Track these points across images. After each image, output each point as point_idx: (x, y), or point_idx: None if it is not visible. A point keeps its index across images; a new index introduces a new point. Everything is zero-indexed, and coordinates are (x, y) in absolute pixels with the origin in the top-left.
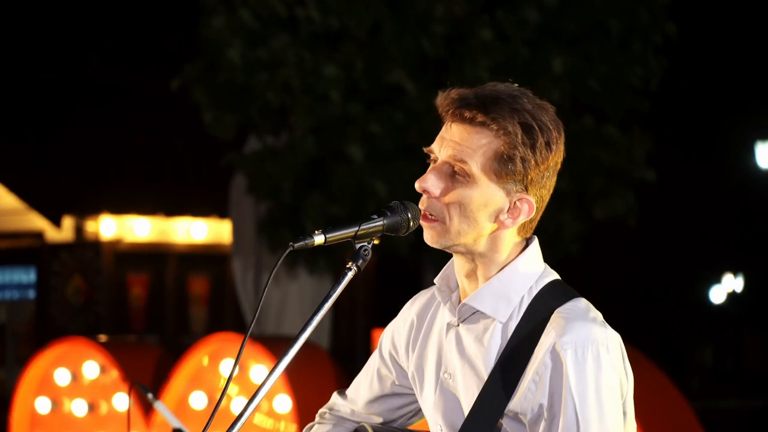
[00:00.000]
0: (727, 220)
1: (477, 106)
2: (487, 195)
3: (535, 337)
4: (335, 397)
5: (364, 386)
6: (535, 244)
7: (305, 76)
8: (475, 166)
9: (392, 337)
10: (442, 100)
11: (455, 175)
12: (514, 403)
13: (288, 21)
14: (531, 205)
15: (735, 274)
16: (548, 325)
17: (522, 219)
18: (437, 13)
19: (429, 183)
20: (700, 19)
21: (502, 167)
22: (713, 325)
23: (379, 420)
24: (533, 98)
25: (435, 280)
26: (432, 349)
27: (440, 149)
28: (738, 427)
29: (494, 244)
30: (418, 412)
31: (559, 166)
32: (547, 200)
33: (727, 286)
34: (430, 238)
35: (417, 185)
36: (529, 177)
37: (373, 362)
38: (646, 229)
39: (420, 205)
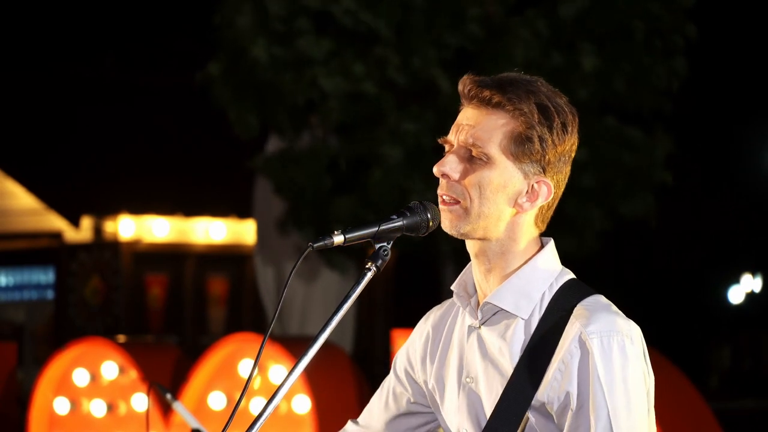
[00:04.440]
0: (746, 220)
1: (493, 86)
2: (506, 176)
3: (559, 330)
4: (349, 425)
5: (379, 408)
6: (552, 244)
7: (334, 72)
8: (493, 147)
9: (407, 354)
10: (461, 85)
11: (473, 158)
12: (540, 393)
13: (318, 16)
14: (549, 188)
15: (753, 274)
16: (572, 317)
17: (540, 202)
18: (472, 13)
19: (448, 167)
20: (720, 21)
21: (520, 147)
22: (731, 326)
23: None
24: (547, 84)
25: (452, 287)
26: (453, 358)
27: (456, 134)
28: (756, 428)
29: (512, 231)
30: (433, 430)
31: (573, 153)
32: (562, 188)
33: (745, 287)
34: (449, 222)
35: (435, 170)
36: (547, 158)
37: (387, 383)
38: (664, 229)
39: (439, 191)
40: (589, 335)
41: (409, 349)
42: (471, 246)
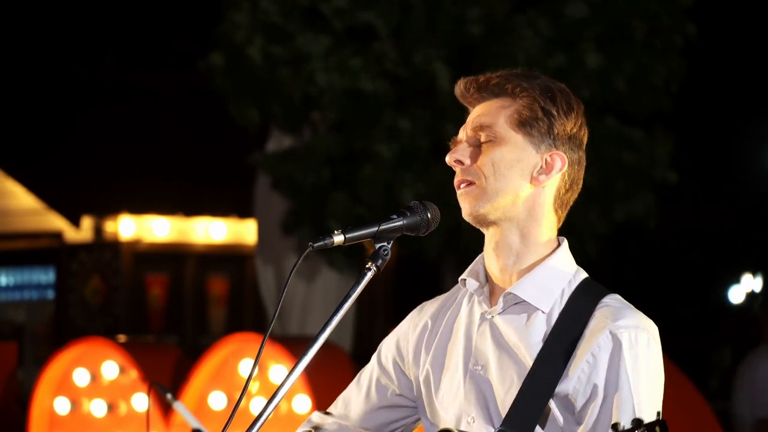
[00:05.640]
0: (746, 220)
1: (489, 74)
2: (518, 151)
3: (582, 324)
4: (319, 417)
5: (358, 399)
6: (566, 243)
7: (332, 69)
8: (500, 126)
9: (396, 345)
10: (457, 88)
11: (483, 142)
12: (565, 385)
13: (312, 14)
14: (563, 159)
15: (754, 274)
16: (596, 311)
17: (556, 172)
18: (472, 14)
19: (459, 153)
20: (720, 20)
21: (526, 122)
22: (732, 326)
23: None
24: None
25: (463, 276)
26: (456, 346)
27: (464, 129)
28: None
29: (533, 210)
30: (409, 427)
31: (584, 141)
32: (579, 174)
33: (745, 287)
34: (468, 205)
35: (448, 158)
36: (555, 131)
37: (368, 374)
38: (665, 229)
39: (455, 180)
40: (618, 329)
41: (400, 340)
42: (491, 236)
